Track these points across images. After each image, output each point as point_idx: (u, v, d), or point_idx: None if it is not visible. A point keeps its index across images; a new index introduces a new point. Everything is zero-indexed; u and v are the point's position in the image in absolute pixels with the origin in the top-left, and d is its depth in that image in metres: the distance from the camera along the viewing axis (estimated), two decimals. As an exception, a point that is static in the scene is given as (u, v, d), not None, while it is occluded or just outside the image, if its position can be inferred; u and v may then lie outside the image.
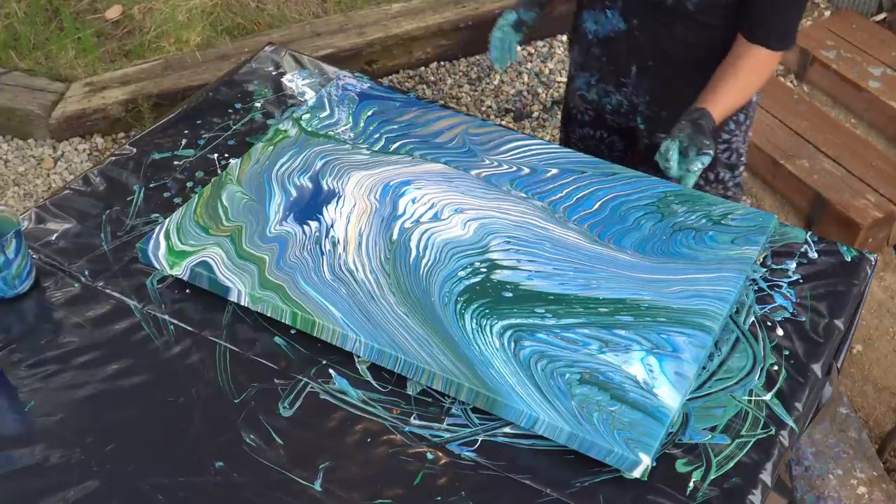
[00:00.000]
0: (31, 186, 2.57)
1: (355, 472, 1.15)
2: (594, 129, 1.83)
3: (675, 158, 1.38)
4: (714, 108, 1.45)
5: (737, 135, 1.70)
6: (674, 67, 1.60)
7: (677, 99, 1.55)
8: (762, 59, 1.51)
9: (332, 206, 1.45)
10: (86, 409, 1.21)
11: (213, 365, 1.27)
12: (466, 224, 1.43)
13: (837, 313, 1.38)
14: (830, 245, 1.49)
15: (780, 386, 1.27)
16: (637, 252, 1.40)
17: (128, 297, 1.36)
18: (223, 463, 1.15)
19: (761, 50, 1.50)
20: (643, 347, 1.25)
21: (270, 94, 1.76)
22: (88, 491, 1.12)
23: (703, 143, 1.38)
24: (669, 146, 1.39)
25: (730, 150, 1.71)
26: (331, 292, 1.31)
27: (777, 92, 2.83)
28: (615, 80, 1.69)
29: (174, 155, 1.62)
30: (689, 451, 1.18)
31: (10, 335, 1.30)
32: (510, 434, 1.20)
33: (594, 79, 1.72)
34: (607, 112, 1.76)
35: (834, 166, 2.57)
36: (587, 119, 1.82)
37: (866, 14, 3.13)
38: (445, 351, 1.23)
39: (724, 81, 1.50)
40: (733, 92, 1.49)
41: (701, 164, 1.38)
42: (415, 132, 1.62)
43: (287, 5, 3.05)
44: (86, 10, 3.00)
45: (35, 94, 2.70)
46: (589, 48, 1.69)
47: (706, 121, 1.42)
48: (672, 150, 1.39)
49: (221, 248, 1.37)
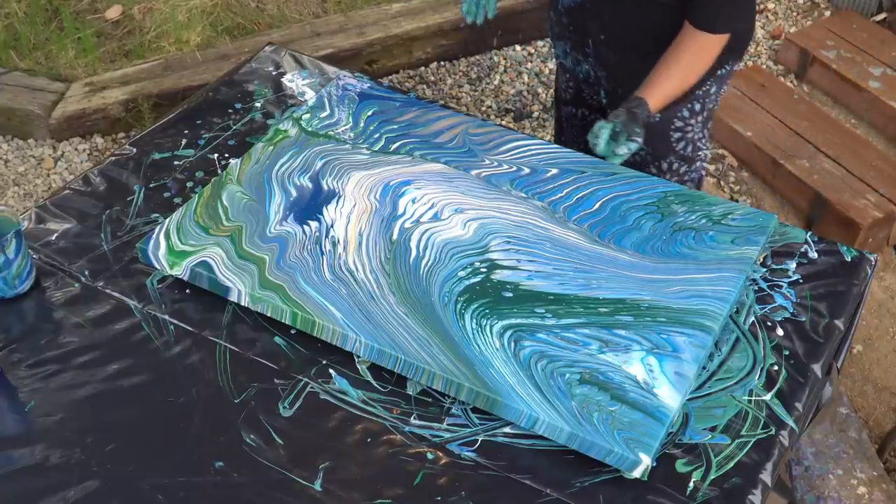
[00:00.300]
0: (32, 186, 2.57)
1: (355, 472, 1.15)
2: (576, 107, 1.87)
3: (603, 138, 1.45)
4: (652, 96, 1.49)
5: (691, 124, 1.69)
6: (626, 44, 1.62)
7: (632, 77, 1.57)
8: (704, 43, 1.52)
9: (332, 206, 1.45)
10: (86, 409, 1.21)
11: (214, 365, 1.27)
12: (466, 224, 1.43)
13: (837, 313, 1.38)
14: (830, 245, 1.49)
15: (780, 386, 1.27)
16: (637, 252, 1.40)
17: (128, 297, 1.36)
18: (223, 463, 1.15)
19: (703, 34, 1.51)
20: (643, 347, 1.25)
21: (270, 94, 1.76)
22: (88, 491, 1.12)
23: (633, 130, 1.44)
24: (602, 126, 1.45)
25: (685, 141, 1.71)
26: (331, 292, 1.31)
27: (777, 92, 2.83)
28: (582, 50, 1.73)
29: (174, 155, 1.62)
30: (689, 451, 1.18)
31: (11, 335, 1.30)
32: (510, 434, 1.20)
33: (567, 46, 1.76)
34: (581, 82, 1.80)
35: (834, 166, 2.57)
36: (569, 97, 1.87)
37: (866, 14, 3.13)
38: (445, 351, 1.23)
39: (665, 66, 1.52)
40: (674, 78, 1.52)
41: (627, 149, 1.45)
42: (415, 132, 1.62)
43: (287, 5, 3.05)
44: (86, 10, 3.00)
45: (35, 94, 2.70)
46: (560, 17, 1.74)
47: (641, 110, 1.47)
48: (604, 130, 1.45)
49: (221, 248, 1.37)
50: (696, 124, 1.70)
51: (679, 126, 1.69)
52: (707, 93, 1.67)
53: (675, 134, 1.69)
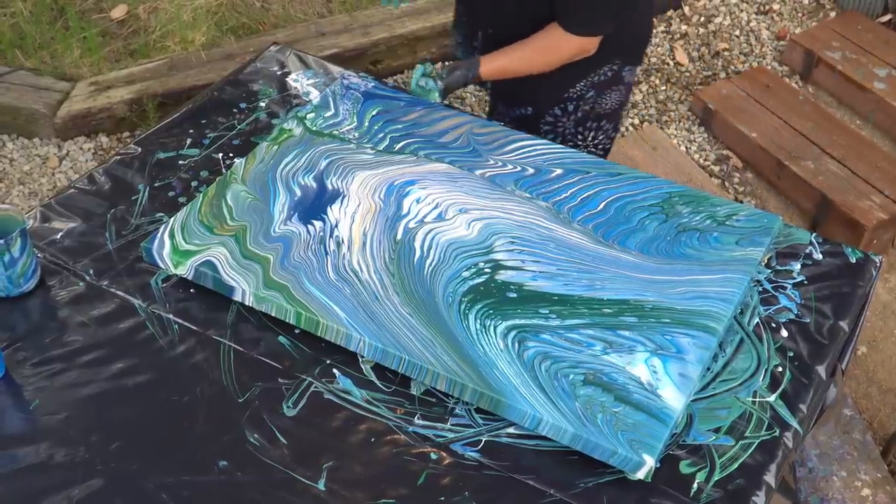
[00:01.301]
0: (37, 185, 2.58)
1: (359, 472, 1.15)
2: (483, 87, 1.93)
3: (415, 77, 1.66)
4: (486, 63, 1.62)
5: (563, 122, 1.75)
6: (509, 39, 1.64)
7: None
8: (555, 38, 1.58)
9: (337, 205, 1.45)
10: (90, 408, 1.22)
11: (218, 364, 1.27)
12: (471, 224, 1.43)
13: (842, 315, 1.38)
14: (835, 246, 1.48)
15: (785, 387, 1.27)
16: (641, 253, 1.40)
17: (132, 296, 1.36)
18: (227, 462, 1.15)
19: (558, 29, 1.57)
20: (647, 348, 1.25)
21: (275, 93, 1.76)
22: (92, 489, 1.12)
23: (441, 75, 1.65)
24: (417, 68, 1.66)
25: (555, 134, 1.76)
26: (335, 292, 1.31)
27: (782, 93, 2.82)
28: (471, 43, 1.77)
29: (179, 154, 1.62)
30: (692, 453, 1.18)
31: (15, 334, 1.31)
32: (514, 434, 1.20)
33: (461, 37, 1.82)
34: None
35: (839, 167, 2.57)
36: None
37: (872, 15, 3.12)
38: (449, 351, 1.23)
39: (514, 45, 1.61)
40: (514, 59, 1.62)
41: (426, 83, 1.65)
42: (419, 132, 1.62)
43: (292, 5, 3.05)
44: (91, 10, 3.00)
45: (40, 93, 2.70)
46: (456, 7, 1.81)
47: (470, 69, 1.63)
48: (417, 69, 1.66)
49: (226, 247, 1.37)
50: (567, 123, 1.75)
51: (550, 121, 1.75)
52: (582, 96, 1.70)
53: (546, 127, 1.76)
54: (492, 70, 1.62)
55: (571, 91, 1.70)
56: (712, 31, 3.15)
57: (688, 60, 3.06)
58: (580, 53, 1.61)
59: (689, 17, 3.21)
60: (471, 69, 1.63)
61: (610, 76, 1.69)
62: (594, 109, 1.73)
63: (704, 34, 3.14)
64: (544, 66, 1.62)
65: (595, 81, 1.69)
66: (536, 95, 1.72)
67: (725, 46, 3.09)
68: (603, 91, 1.71)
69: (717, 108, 2.78)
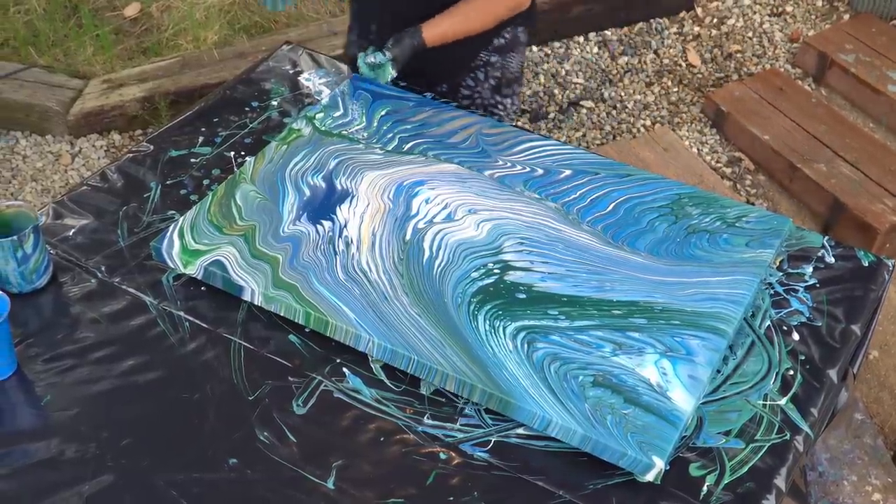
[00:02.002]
0: (49, 182, 2.59)
1: (368, 471, 1.16)
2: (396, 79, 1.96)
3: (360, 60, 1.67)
4: (428, 28, 1.62)
5: (479, 91, 1.78)
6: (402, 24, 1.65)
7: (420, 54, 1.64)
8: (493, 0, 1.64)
9: (346, 205, 1.46)
10: (101, 405, 1.22)
11: (228, 362, 1.27)
12: (480, 225, 1.43)
13: (854, 318, 1.37)
14: (847, 250, 1.48)
15: (796, 391, 1.26)
16: (651, 254, 1.40)
17: (144, 293, 1.37)
18: (237, 460, 1.16)
19: None
20: (657, 350, 1.25)
21: (287, 92, 1.77)
22: (103, 486, 1.13)
23: (388, 46, 1.63)
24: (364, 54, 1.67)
25: (476, 106, 1.80)
26: (344, 292, 1.31)
27: (795, 95, 2.81)
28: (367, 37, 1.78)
29: (191, 152, 1.63)
30: (702, 455, 1.18)
31: (28, 330, 1.31)
32: (523, 435, 1.20)
33: (354, 35, 1.83)
34: None
35: (852, 170, 2.55)
36: None
37: (886, 17, 3.10)
38: (459, 352, 1.23)
39: (452, 11, 1.64)
40: (455, 21, 1.64)
41: (374, 57, 1.64)
42: (428, 132, 1.62)
43: (304, 4, 3.06)
44: (104, 8, 3.02)
45: (53, 90, 2.72)
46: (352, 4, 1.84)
47: (413, 37, 1.62)
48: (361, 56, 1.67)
49: (235, 247, 1.38)
50: (483, 91, 1.79)
51: (467, 94, 1.79)
52: (488, 61, 1.75)
53: (465, 101, 1.80)
54: (435, 35, 1.63)
55: (478, 59, 1.75)
56: (725, 32, 3.14)
57: (700, 62, 3.05)
58: (517, 7, 1.67)
59: (702, 19, 3.20)
60: (414, 36, 1.62)
61: (509, 38, 1.75)
62: (504, 76, 1.79)
63: (717, 36, 3.13)
64: (484, 24, 1.67)
65: (497, 46, 1.74)
66: (447, 69, 1.75)
67: (738, 48, 3.08)
68: (506, 55, 1.77)
69: (730, 109, 2.77)
